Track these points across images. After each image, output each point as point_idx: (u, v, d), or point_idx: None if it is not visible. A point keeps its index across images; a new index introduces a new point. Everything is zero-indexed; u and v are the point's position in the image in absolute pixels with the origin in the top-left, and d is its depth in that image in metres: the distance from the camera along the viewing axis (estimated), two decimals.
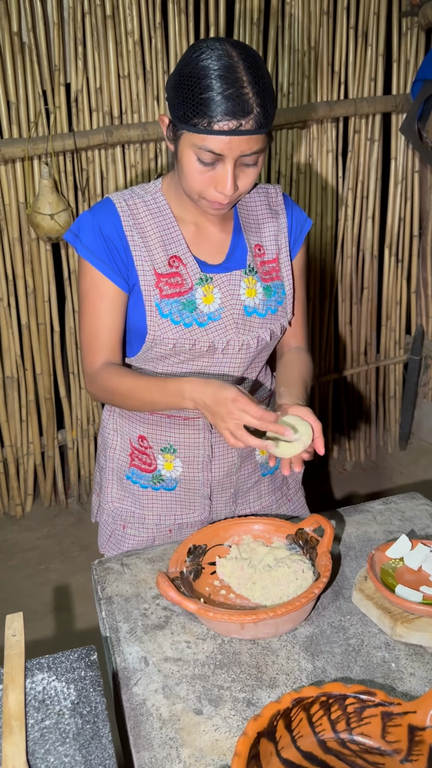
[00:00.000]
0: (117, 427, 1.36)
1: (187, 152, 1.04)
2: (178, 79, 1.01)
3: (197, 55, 1.00)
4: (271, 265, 1.24)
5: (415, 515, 1.34)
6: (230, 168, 1.04)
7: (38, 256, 2.41)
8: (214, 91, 0.97)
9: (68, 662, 0.83)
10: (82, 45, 2.26)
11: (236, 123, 0.99)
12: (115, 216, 1.15)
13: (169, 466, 1.31)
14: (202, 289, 1.18)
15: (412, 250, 2.87)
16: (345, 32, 2.55)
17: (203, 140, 1.01)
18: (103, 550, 1.40)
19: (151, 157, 2.42)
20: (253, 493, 1.38)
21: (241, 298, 1.20)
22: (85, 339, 1.21)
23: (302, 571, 1.07)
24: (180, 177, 1.10)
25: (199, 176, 1.06)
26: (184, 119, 1.01)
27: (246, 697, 0.93)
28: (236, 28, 2.41)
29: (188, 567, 1.10)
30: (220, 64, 0.98)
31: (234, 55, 0.99)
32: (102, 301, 1.17)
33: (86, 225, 1.16)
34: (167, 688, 0.95)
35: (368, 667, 0.97)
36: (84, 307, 1.19)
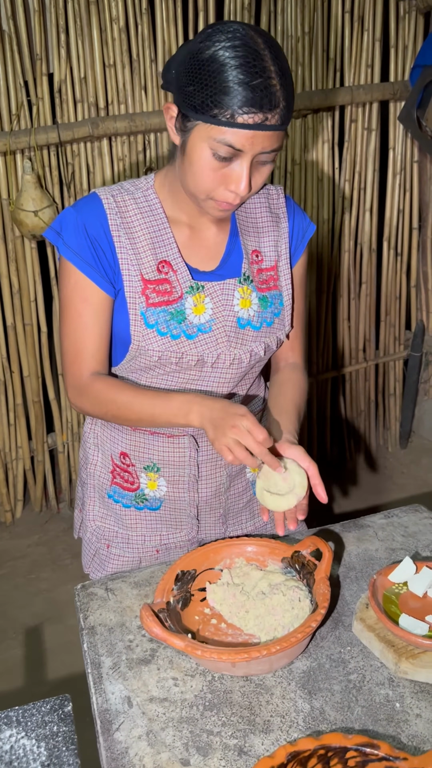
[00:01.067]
0: (98, 441, 1.27)
1: (201, 146, 0.95)
2: (194, 64, 0.91)
3: (218, 39, 0.90)
4: (268, 274, 1.15)
5: (419, 530, 1.26)
6: (247, 165, 0.95)
7: (23, 255, 2.32)
8: (241, 80, 0.88)
9: (39, 715, 0.75)
10: (65, 33, 2.16)
11: (262, 116, 0.90)
12: (102, 213, 1.06)
13: (153, 486, 1.22)
14: (192, 299, 1.09)
15: (411, 243, 2.79)
16: (340, 17, 2.45)
17: (223, 133, 0.92)
18: (87, 570, 1.32)
19: (139, 150, 2.33)
20: (245, 513, 1.30)
21: (234, 309, 1.11)
22: (69, 348, 1.11)
23: (299, 599, 1.00)
24: (185, 173, 1.00)
25: (212, 173, 0.97)
26: (201, 109, 0.91)
27: (237, 744, 0.85)
28: (226, 13, 2.31)
29: (175, 596, 1.02)
30: (246, 51, 0.89)
31: (260, 42, 0.90)
32: (87, 306, 1.08)
33: (70, 222, 1.06)
34: (152, 733, 0.87)
35: (370, 707, 0.89)
36: (67, 313, 1.10)
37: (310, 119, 2.51)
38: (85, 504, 1.30)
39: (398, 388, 2.99)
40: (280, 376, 1.23)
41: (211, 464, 1.21)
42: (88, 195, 1.10)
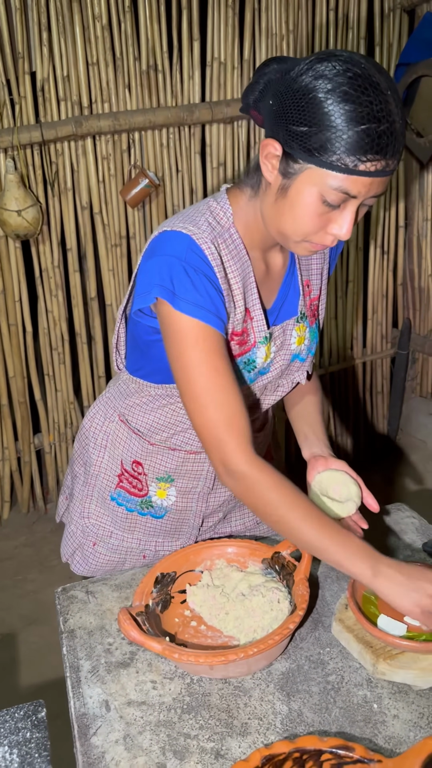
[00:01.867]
0: (107, 443, 1.21)
1: (309, 190, 0.87)
2: (307, 101, 0.82)
3: (335, 76, 0.81)
4: (315, 303, 1.13)
5: (401, 529, 1.26)
6: (354, 211, 0.88)
7: (7, 255, 2.30)
8: (367, 126, 0.80)
9: (12, 722, 0.75)
10: (47, 31, 2.14)
11: (384, 163, 0.83)
12: (208, 264, 0.95)
13: (162, 494, 1.20)
14: (264, 348, 1.04)
15: (397, 241, 2.79)
16: (325, 14, 2.45)
17: (339, 180, 0.84)
18: (66, 559, 1.30)
19: (123, 149, 2.32)
20: (237, 513, 1.30)
21: (291, 348, 1.09)
22: (221, 419, 0.94)
23: (278, 601, 0.99)
24: (282, 214, 0.92)
25: (316, 218, 0.89)
26: (317, 153, 0.83)
27: (214, 747, 0.85)
28: (210, 11, 2.30)
29: (155, 598, 1.02)
30: (372, 92, 0.81)
31: (382, 82, 0.82)
32: (225, 364, 0.95)
33: (182, 274, 0.92)
34: (129, 738, 0.87)
35: (348, 709, 0.89)
36: (207, 377, 0.94)
37: None
38: (75, 498, 1.27)
39: (386, 386, 3.00)
40: (303, 390, 1.22)
41: None
42: (181, 239, 0.95)
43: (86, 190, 2.32)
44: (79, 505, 1.26)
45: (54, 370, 2.52)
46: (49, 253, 2.35)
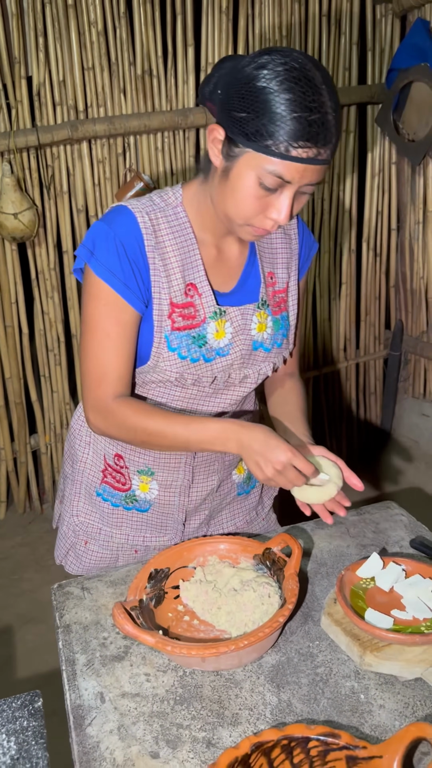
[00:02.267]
0: (90, 440, 1.26)
1: (248, 173, 0.93)
2: (248, 91, 0.89)
3: (276, 68, 0.88)
4: (280, 296, 1.16)
5: (389, 526, 1.29)
6: (291, 196, 0.94)
7: (3, 257, 2.33)
8: (299, 113, 0.86)
9: (10, 711, 0.77)
10: (43, 36, 2.17)
11: (315, 151, 0.89)
12: (138, 233, 1.02)
13: (145, 488, 1.23)
14: (214, 324, 1.09)
15: (390, 244, 2.82)
16: (317, 20, 2.48)
17: (273, 164, 0.90)
18: (60, 561, 1.33)
19: (118, 152, 2.35)
20: (226, 513, 1.32)
21: (251, 334, 1.12)
22: (94, 369, 1.07)
23: (268, 595, 1.02)
24: (225, 197, 0.98)
25: (255, 201, 0.95)
26: (254, 138, 0.89)
27: (206, 737, 0.88)
28: (204, 16, 2.33)
29: (149, 594, 1.04)
30: (305, 84, 0.87)
31: (318, 75, 0.88)
32: (118, 327, 1.05)
33: (104, 240, 1.02)
34: (123, 728, 0.89)
35: (336, 699, 0.92)
36: (93, 333, 1.06)
37: None
38: (65, 498, 1.31)
39: (378, 387, 3.03)
40: (280, 386, 1.25)
41: (205, 469, 1.22)
42: (120, 210, 1.04)
43: (82, 193, 2.35)
44: (69, 504, 1.29)
45: (50, 371, 2.55)
46: (45, 255, 2.37)
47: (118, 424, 1.08)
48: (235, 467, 1.28)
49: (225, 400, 1.16)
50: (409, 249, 2.73)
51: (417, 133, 2.42)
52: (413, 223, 2.68)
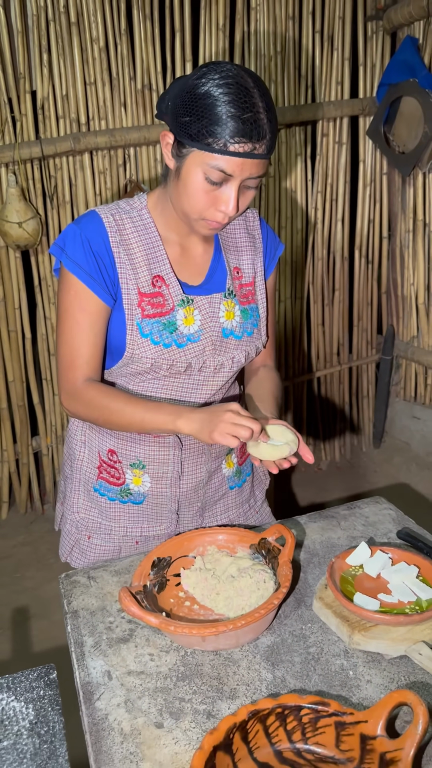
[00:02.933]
0: (85, 439, 1.35)
1: (195, 170, 1.04)
2: (191, 98, 1.01)
3: (213, 77, 1.00)
4: (247, 288, 1.26)
5: (378, 520, 1.36)
6: (235, 189, 1.05)
7: (7, 264, 2.40)
8: (233, 114, 0.98)
9: (27, 681, 0.84)
10: (47, 52, 2.25)
11: (251, 146, 1.00)
12: (103, 231, 1.14)
13: (138, 481, 1.31)
14: (183, 311, 1.18)
15: (381, 251, 2.91)
16: (311, 36, 2.57)
17: (215, 159, 1.01)
18: (65, 559, 1.40)
19: (119, 164, 2.43)
20: (220, 506, 1.40)
21: (219, 321, 1.21)
22: (65, 355, 1.18)
23: (264, 581, 1.09)
24: (179, 194, 1.09)
25: (204, 195, 1.06)
26: (196, 137, 1.01)
27: (206, 709, 0.95)
28: (202, 34, 2.42)
29: (152, 580, 1.12)
30: (237, 89, 0.99)
31: (249, 81, 1.01)
32: (85, 316, 1.15)
33: (73, 238, 1.14)
34: (129, 702, 0.96)
35: (327, 676, 0.99)
36: (65, 322, 1.17)
37: (284, 134, 2.62)
38: (67, 497, 1.39)
39: (371, 390, 3.11)
40: (257, 376, 1.34)
41: (193, 461, 1.30)
42: (88, 213, 1.16)
43: (84, 202, 2.43)
44: (70, 502, 1.37)
45: (52, 374, 2.62)
46: (47, 262, 2.45)
47: (85, 404, 1.18)
48: (223, 460, 1.36)
49: (207, 390, 1.25)
50: (400, 257, 2.81)
51: (407, 145, 2.50)
52: (404, 231, 2.77)
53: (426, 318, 2.75)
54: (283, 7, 2.49)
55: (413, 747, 0.77)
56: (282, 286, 2.82)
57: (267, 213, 2.71)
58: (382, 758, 0.79)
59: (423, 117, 2.35)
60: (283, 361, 2.91)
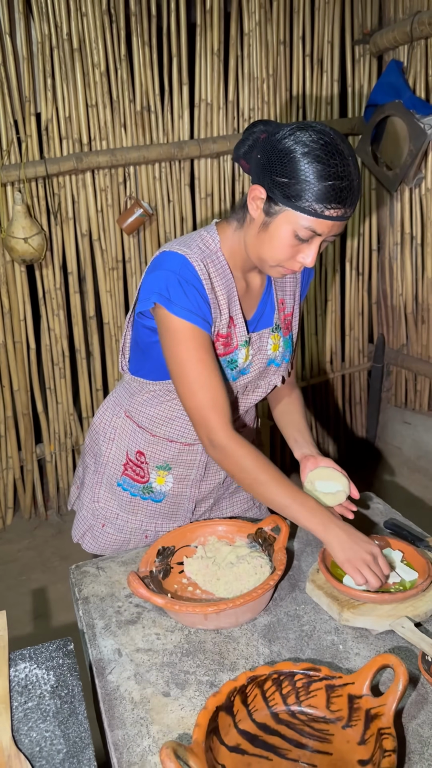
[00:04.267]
0: (114, 436, 1.42)
1: (285, 227, 1.09)
2: (288, 159, 1.05)
3: (309, 142, 1.04)
4: (288, 319, 1.35)
5: (368, 513, 1.46)
6: (318, 245, 1.11)
7: (13, 278, 2.50)
8: (331, 182, 1.03)
9: (47, 652, 0.93)
10: (51, 77, 2.37)
11: (343, 211, 1.07)
12: (198, 278, 1.17)
13: (161, 481, 1.40)
14: (244, 351, 1.27)
15: (371, 263, 3.02)
16: (301, 60, 2.70)
17: (308, 221, 1.06)
18: (77, 540, 1.49)
19: (119, 182, 2.54)
20: (226, 501, 1.49)
21: (267, 354, 1.31)
22: (207, 397, 1.17)
23: (261, 566, 1.18)
24: (262, 244, 1.14)
25: (289, 249, 1.11)
26: (293, 199, 1.05)
27: (209, 680, 1.04)
28: (198, 58, 2.54)
29: (157, 567, 1.21)
30: (336, 155, 1.03)
31: (344, 148, 1.05)
32: (211, 357, 1.18)
33: (177, 285, 1.15)
34: (138, 675, 1.05)
35: (319, 649, 1.08)
36: (195, 368, 1.16)
37: None
38: (86, 485, 1.47)
39: (363, 397, 3.21)
40: (285, 395, 1.45)
41: (215, 466, 1.39)
42: (176, 257, 1.17)
43: (86, 219, 2.54)
44: (90, 491, 1.46)
45: (55, 383, 2.71)
46: (51, 276, 2.55)
47: (230, 461, 1.18)
48: None
49: (240, 405, 1.34)
50: (389, 268, 2.92)
51: (393, 163, 2.62)
52: (392, 244, 2.88)
53: (415, 327, 2.86)
54: (275, 32, 2.62)
55: (395, 702, 0.86)
56: None
57: None
58: (368, 714, 0.88)
59: (408, 136, 2.47)
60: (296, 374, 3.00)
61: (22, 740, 0.84)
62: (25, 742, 0.84)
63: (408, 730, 0.92)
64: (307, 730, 0.92)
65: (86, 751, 0.82)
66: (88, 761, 0.80)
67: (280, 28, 2.61)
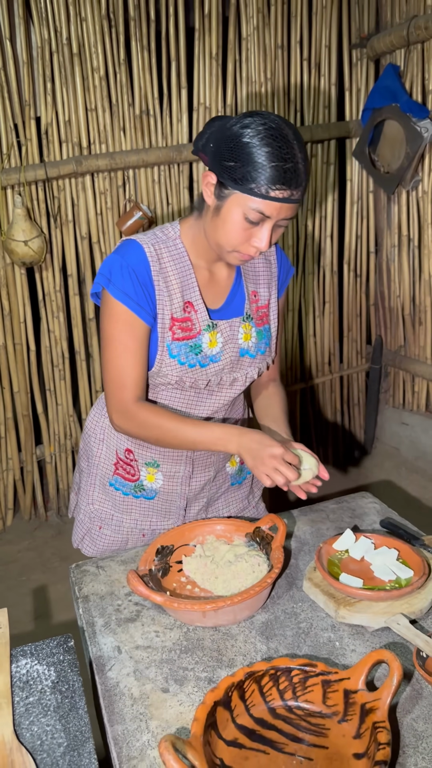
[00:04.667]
0: (104, 437, 1.46)
1: (236, 210, 1.14)
2: (235, 144, 1.10)
3: (257, 127, 1.09)
4: (263, 311, 1.38)
5: (364, 512, 1.48)
6: (270, 228, 1.15)
7: (13, 280, 2.52)
8: (276, 163, 1.08)
9: (48, 648, 0.95)
10: (51, 81, 2.39)
11: (289, 193, 1.11)
12: (145, 261, 1.23)
13: (151, 478, 1.42)
14: (208, 335, 1.29)
15: (369, 265, 3.04)
16: (299, 64, 2.72)
17: (256, 203, 1.11)
18: (77, 545, 1.51)
19: (119, 185, 2.56)
20: (221, 501, 1.51)
21: (238, 342, 1.33)
22: (115, 376, 1.26)
23: (258, 564, 1.20)
24: (216, 229, 1.19)
25: (241, 232, 1.16)
26: (240, 182, 1.10)
27: (207, 676, 1.05)
28: (196, 62, 2.56)
29: (156, 565, 1.22)
30: (280, 139, 1.09)
31: (289, 133, 1.10)
32: (134, 340, 1.25)
33: (120, 269, 1.22)
34: (138, 671, 1.07)
35: (315, 646, 1.10)
36: (112, 346, 1.25)
37: None
38: (82, 489, 1.49)
39: (361, 398, 3.23)
40: (264, 391, 1.46)
41: (203, 462, 1.42)
42: (130, 243, 1.24)
43: (86, 222, 2.56)
44: (85, 494, 1.48)
45: (55, 385, 2.73)
46: (51, 278, 2.57)
47: (138, 424, 1.27)
48: (228, 460, 1.47)
49: (217, 402, 1.36)
50: (387, 270, 2.94)
51: (390, 165, 2.65)
52: (390, 246, 2.90)
53: (412, 328, 2.88)
54: (273, 36, 2.64)
55: (389, 696, 0.88)
56: None
57: None
58: (363, 708, 0.90)
59: (405, 139, 2.49)
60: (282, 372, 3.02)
61: (23, 734, 0.86)
62: (26, 735, 0.86)
63: (402, 725, 0.94)
64: (304, 724, 0.93)
65: (86, 744, 0.83)
66: (89, 754, 0.82)
67: (278, 32, 2.64)
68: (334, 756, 0.87)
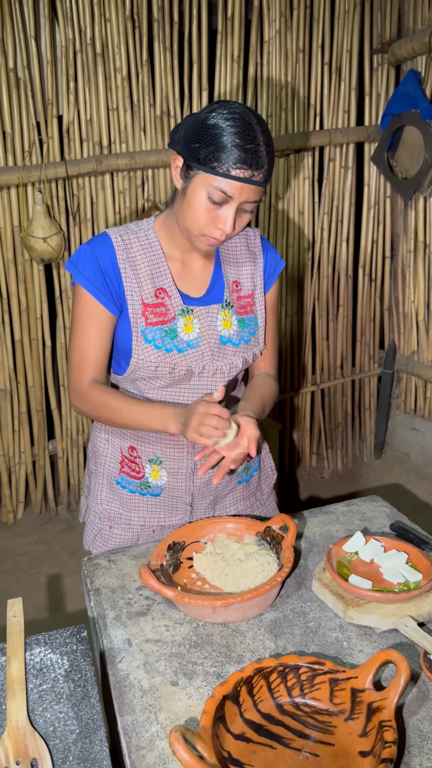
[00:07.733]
0: (109, 436, 1.49)
1: (200, 190, 1.18)
2: (200, 128, 1.16)
3: (221, 111, 1.15)
4: (246, 300, 1.40)
5: (374, 516, 1.49)
6: (233, 210, 1.19)
7: (31, 276, 2.55)
8: (237, 143, 1.13)
9: (62, 638, 0.96)
10: (74, 80, 2.41)
11: (250, 173, 1.15)
12: (111, 249, 1.29)
13: (156, 475, 1.45)
14: (183, 319, 1.32)
15: (384, 270, 3.04)
16: (320, 68, 2.73)
17: (218, 182, 1.16)
18: (88, 547, 1.53)
19: (138, 184, 2.58)
20: (229, 499, 1.53)
21: (217, 329, 1.35)
22: (75, 358, 1.33)
23: (268, 563, 1.22)
24: (183, 212, 1.23)
25: (206, 213, 1.20)
26: (203, 161, 1.15)
27: (216, 671, 1.07)
28: (218, 65, 2.58)
29: (168, 561, 1.24)
30: (242, 123, 1.14)
31: (252, 119, 1.16)
32: (93, 324, 1.30)
33: (84, 256, 1.29)
34: (148, 664, 1.09)
35: (323, 645, 1.11)
36: (76, 329, 1.32)
37: (293, 158, 2.78)
38: (91, 490, 1.52)
39: (373, 403, 3.23)
40: (254, 380, 1.48)
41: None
42: (100, 234, 1.31)
43: (104, 220, 2.58)
44: (94, 494, 1.50)
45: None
46: (68, 276, 2.60)
47: (89, 403, 1.32)
48: None
49: (206, 390, 1.38)
50: (402, 275, 2.95)
51: (408, 171, 2.65)
52: (405, 251, 2.91)
53: (426, 334, 2.88)
54: (294, 40, 2.65)
55: (396, 696, 0.89)
56: (289, 302, 2.95)
57: (276, 232, 2.86)
58: (370, 707, 0.91)
59: (424, 145, 2.49)
60: (288, 373, 3.04)
61: (37, 720, 0.88)
62: (39, 722, 0.88)
63: (408, 725, 0.95)
64: (311, 721, 0.95)
65: (98, 732, 0.85)
66: (100, 742, 0.84)
67: (300, 36, 2.65)
68: (340, 753, 0.89)
